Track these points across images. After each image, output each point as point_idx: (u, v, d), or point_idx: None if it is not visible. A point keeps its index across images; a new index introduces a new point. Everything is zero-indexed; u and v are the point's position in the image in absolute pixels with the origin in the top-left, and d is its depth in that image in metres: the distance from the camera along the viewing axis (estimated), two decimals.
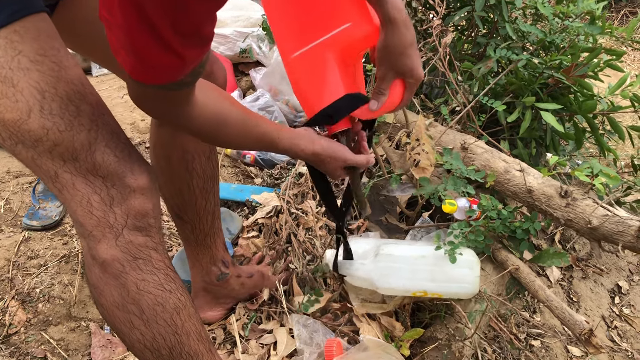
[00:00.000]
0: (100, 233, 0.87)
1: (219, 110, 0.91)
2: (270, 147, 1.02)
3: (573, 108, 1.83)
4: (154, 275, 0.91)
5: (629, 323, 1.97)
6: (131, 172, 0.89)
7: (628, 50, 4.61)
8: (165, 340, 0.91)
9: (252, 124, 0.97)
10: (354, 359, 1.23)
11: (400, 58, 1.03)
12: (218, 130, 0.91)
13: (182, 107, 0.84)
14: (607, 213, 1.37)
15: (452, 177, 1.38)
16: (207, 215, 1.34)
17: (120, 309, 0.90)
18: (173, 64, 0.69)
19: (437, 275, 1.36)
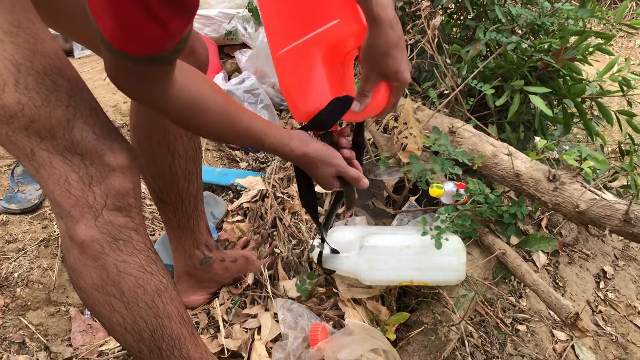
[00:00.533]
0: (79, 213, 0.84)
1: (199, 95, 0.87)
2: (255, 143, 0.98)
3: (562, 92, 1.81)
4: (135, 257, 0.88)
5: (614, 307, 1.98)
6: (111, 150, 0.85)
7: (617, 35, 4.61)
8: (147, 324, 0.89)
9: (234, 115, 0.93)
10: (338, 344, 1.21)
11: (384, 59, 1.00)
12: (196, 116, 0.87)
13: (159, 86, 0.80)
14: (595, 197, 1.36)
15: (440, 158, 1.36)
16: (189, 197, 1.31)
17: (100, 291, 0.87)
18: (157, 34, 0.65)
19: (423, 264, 1.35)
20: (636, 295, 2.06)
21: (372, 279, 1.34)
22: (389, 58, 1.00)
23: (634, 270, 2.17)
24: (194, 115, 0.87)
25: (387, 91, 1.06)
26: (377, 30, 0.97)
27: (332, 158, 1.04)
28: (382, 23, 0.96)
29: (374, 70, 1.02)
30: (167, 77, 0.79)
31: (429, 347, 1.33)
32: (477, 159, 1.49)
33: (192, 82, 0.86)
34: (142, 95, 0.83)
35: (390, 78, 1.03)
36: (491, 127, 1.80)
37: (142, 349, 0.91)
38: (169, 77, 0.80)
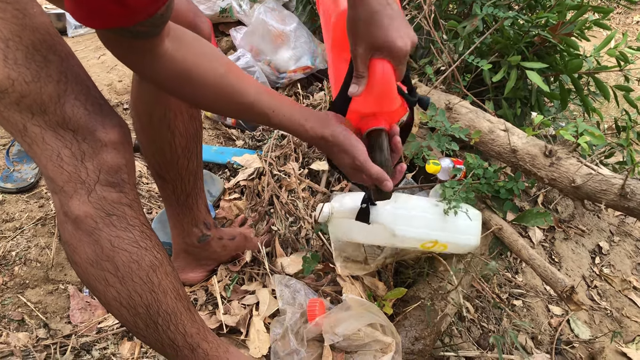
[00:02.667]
0: (72, 189, 0.84)
1: (192, 68, 0.85)
2: (261, 121, 0.93)
3: (559, 67, 1.81)
4: (129, 232, 0.88)
5: (609, 282, 2.00)
6: (102, 126, 0.85)
7: (615, 10, 4.59)
8: (142, 298, 0.89)
9: (235, 89, 0.89)
10: (336, 319, 1.22)
11: (369, 30, 0.89)
12: (187, 88, 0.86)
13: (143, 56, 0.79)
14: (591, 172, 1.36)
15: (437, 135, 1.36)
16: (189, 175, 1.31)
17: (95, 266, 0.87)
18: (113, 10, 0.64)
19: (447, 226, 1.36)
20: (631, 270, 2.08)
21: (403, 235, 1.31)
22: (375, 27, 0.88)
23: (629, 246, 2.19)
24: (184, 88, 0.86)
25: (384, 66, 0.91)
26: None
27: (350, 146, 0.94)
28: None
29: (360, 43, 0.91)
30: (151, 49, 0.79)
31: (425, 321, 1.34)
32: (474, 134, 1.49)
33: (186, 54, 0.84)
34: (128, 63, 0.83)
35: (382, 50, 0.90)
36: (488, 103, 1.80)
37: (138, 323, 0.91)
38: (154, 49, 0.79)
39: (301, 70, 2.21)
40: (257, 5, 2.23)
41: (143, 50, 0.78)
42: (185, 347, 0.97)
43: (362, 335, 1.23)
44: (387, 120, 0.99)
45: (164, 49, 0.80)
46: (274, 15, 2.18)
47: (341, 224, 1.37)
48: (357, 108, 0.98)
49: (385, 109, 0.96)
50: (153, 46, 0.78)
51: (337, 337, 1.22)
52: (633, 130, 1.99)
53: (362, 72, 0.93)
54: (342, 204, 1.36)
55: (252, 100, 0.91)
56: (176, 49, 0.83)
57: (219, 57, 0.90)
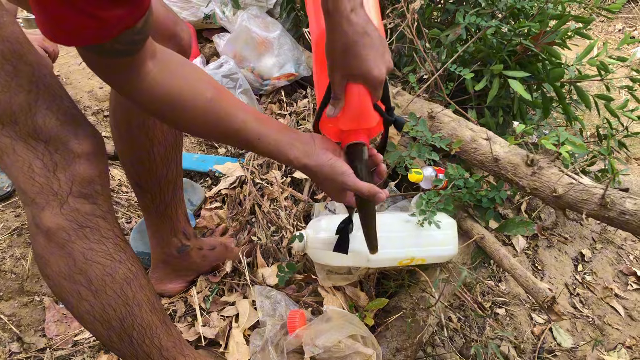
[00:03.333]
0: (44, 200, 0.82)
1: (176, 92, 0.82)
2: (247, 147, 0.92)
3: (541, 76, 1.81)
4: (102, 245, 0.86)
5: (591, 290, 2.00)
6: (75, 136, 0.83)
7: (596, 19, 4.64)
8: (116, 312, 0.88)
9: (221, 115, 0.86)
10: (316, 330, 1.21)
11: (346, 59, 0.89)
12: (171, 113, 0.83)
13: (124, 76, 0.77)
14: (572, 181, 1.36)
15: (417, 144, 1.35)
16: (168, 184, 1.29)
17: (67, 280, 0.85)
18: (89, 25, 0.63)
19: (422, 240, 1.36)
20: (613, 278, 2.08)
21: (379, 258, 1.29)
22: (349, 57, 0.89)
23: (611, 253, 2.20)
24: (167, 113, 0.84)
25: (360, 92, 0.93)
26: (331, 26, 0.88)
27: (337, 175, 0.94)
28: (334, 17, 0.87)
29: (337, 70, 0.92)
30: (131, 68, 0.76)
31: (407, 332, 1.33)
32: (454, 144, 1.48)
33: (172, 78, 0.82)
34: (110, 83, 0.81)
35: (356, 78, 0.92)
36: (471, 112, 1.80)
37: (112, 337, 0.90)
38: (135, 69, 0.77)
39: (285, 77, 2.20)
40: (241, 12, 2.22)
41: (123, 70, 0.76)
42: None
43: (342, 347, 1.22)
44: (367, 134, 1.01)
45: (146, 70, 0.78)
46: (257, 22, 2.16)
47: (314, 252, 1.37)
48: (336, 125, 0.99)
49: (362, 126, 0.98)
50: (134, 66, 0.76)
51: (318, 349, 1.20)
52: (615, 139, 2.00)
53: (338, 95, 0.94)
54: (316, 231, 1.35)
55: (238, 127, 0.89)
56: (160, 71, 0.80)
57: (206, 82, 0.87)
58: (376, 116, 0.99)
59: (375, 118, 0.99)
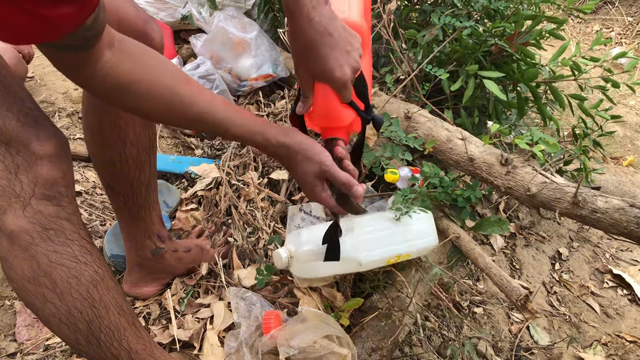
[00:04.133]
0: (6, 203, 0.81)
1: (133, 80, 0.82)
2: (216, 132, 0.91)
3: (516, 76, 1.83)
4: (67, 247, 0.85)
5: (568, 288, 2.02)
6: (37, 138, 0.82)
7: (570, 19, 4.69)
8: (82, 314, 0.86)
9: (185, 101, 0.86)
10: (291, 331, 1.20)
11: (308, 59, 0.90)
12: (132, 100, 0.83)
13: (83, 68, 0.76)
14: (546, 180, 1.37)
15: (391, 144, 1.36)
16: (140, 186, 1.27)
17: (32, 283, 0.84)
18: (38, 27, 0.62)
19: (406, 235, 1.35)
20: (589, 276, 2.11)
21: (370, 260, 1.29)
22: (312, 57, 0.89)
23: (588, 252, 2.22)
24: (129, 101, 0.83)
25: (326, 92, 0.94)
26: (292, 25, 0.88)
27: (316, 154, 0.93)
28: (294, 15, 0.87)
29: (302, 69, 0.93)
30: (88, 61, 0.76)
31: (382, 332, 1.33)
32: (427, 143, 1.49)
33: (131, 66, 0.81)
34: (67, 75, 0.80)
35: (319, 78, 0.92)
36: (447, 112, 1.81)
37: (79, 339, 0.88)
38: (92, 61, 0.76)
39: (262, 78, 2.19)
40: (218, 13, 2.21)
41: (80, 63, 0.75)
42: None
43: (317, 348, 1.21)
44: (344, 131, 1.00)
45: (104, 60, 0.77)
46: (234, 23, 2.16)
47: (300, 266, 1.33)
48: (308, 123, 1.00)
49: (333, 125, 0.98)
50: (90, 59, 0.75)
51: (293, 349, 1.19)
52: (589, 138, 2.02)
53: (306, 94, 0.96)
54: (299, 245, 1.32)
55: (205, 110, 0.88)
56: (118, 60, 0.80)
57: (168, 69, 0.87)
58: (349, 114, 0.98)
59: (348, 116, 0.98)
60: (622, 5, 4.81)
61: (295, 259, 1.30)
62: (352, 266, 1.30)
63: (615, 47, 4.34)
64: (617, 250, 2.29)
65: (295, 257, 1.30)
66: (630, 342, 1.82)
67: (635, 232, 1.21)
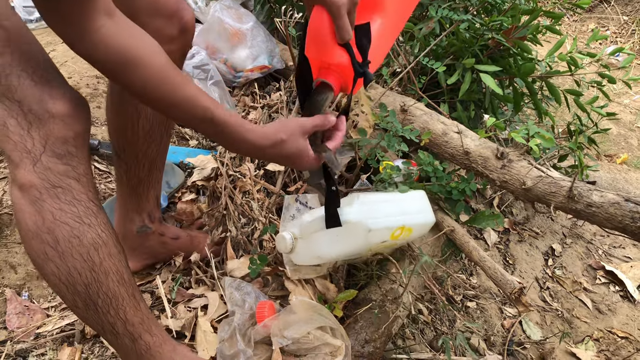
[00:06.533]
0: (18, 157, 0.83)
1: (132, 47, 0.82)
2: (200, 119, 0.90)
3: (512, 71, 1.83)
4: (73, 207, 0.85)
5: (560, 284, 2.02)
6: (50, 97, 0.83)
7: (565, 17, 4.70)
8: (81, 276, 0.87)
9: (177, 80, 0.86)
10: (285, 321, 1.20)
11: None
12: (126, 69, 0.82)
13: (77, 25, 0.77)
14: (541, 174, 1.37)
15: (387, 135, 1.35)
16: (145, 160, 1.27)
17: (35, 239, 0.85)
18: None
19: (407, 208, 1.36)
20: (582, 272, 2.11)
21: (378, 227, 1.27)
22: None
23: (581, 248, 2.23)
24: (123, 69, 0.83)
25: (317, 15, 0.94)
26: None
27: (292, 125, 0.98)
28: None
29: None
30: (82, 16, 0.76)
31: (376, 323, 1.32)
32: (424, 135, 1.49)
33: (127, 35, 0.82)
34: (61, 32, 0.80)
35: (319, 2, 0.93)
36: (443, 106, 1.80)
37: (77, 301, 0.88)
38: (86, 18, 0.77)
39: (258, 69, 2.18)
40: (214, 3, 2.19)
41: (74, 18, 0.76)
42: (125, 336, 0.94)
43: (311, 339, 1.21)
44: (337, 77, 1.01)
45: (100, 23, 0.78)
46: (230, 13, 2.14)
47: (307, 247, 1.29)
48: (305, 52, 1.01)
49: (322, 57, 0.99)
50: (85, 15, 0.76)
51: (286, 340, 1.19)
52: (584, 135, 2.03)
53: (307, 17, 0.98)
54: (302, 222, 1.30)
55: (192, 94, 0.88)
56: (117, 28, 0.80)
57: (158, 46, 0.88)
58: (341, 55, 0.98)
59: (338, 55, 0.98)
60: (617, 4, 4.82)
61: (301, 239, 1.28)
62: (361, 235, 1.25)
63: (611, 46, 4.35)
64: (610, 247, 2.29)
65: (302, 236, 1.28)
66: (622, 337, 1.83)
67: (630, 226, 1.22)
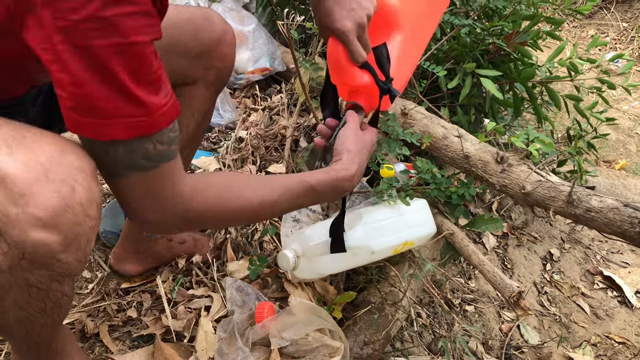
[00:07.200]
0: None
1: (228, 180, 0.87)
2: (309, 199, 0.95)
3: (513, 76, 1.84)
4: None
5: (559, 289, 2.03)
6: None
7: (568, 23, 4.73)
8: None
9: (281, 186, 0.90)
10: (283, 323, 1.20)
11: (318, 15, 0.96)
12: (225, 204, 0.84)
13: (173, 187, 0.76)
14: (541, 179, 1.38)
15: (388, 139, 1.36)
16: None
17: None
18: (136, 113, 0.65)
19: (409, 222, 1.36)
20: (580, 277, 2.12)
21: (382, 248, 1.29)
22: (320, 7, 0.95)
23: (579, 253, 2.24)
24: (223, 208, 0.84)
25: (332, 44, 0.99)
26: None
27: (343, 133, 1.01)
28: None
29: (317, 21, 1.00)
30: (174, 176, 0.76)
31: (375, 326, 1.33)
32: (425, 138, 1.49)
33: (203, 176, 0.89)
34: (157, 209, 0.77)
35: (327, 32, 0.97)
36: (443, 110, 1.81)
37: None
38: (178, 177, 0.77)
39: (259, 71, 2.19)
40: (215, 5, 2.20)
41: (165, 183, 0.75)
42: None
43: (310, 340, 1.21)
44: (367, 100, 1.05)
45: (186, 179, 0.79)
46: (232, 15, 2.15)
47: (309, 265, 1.30)
48: (332, 80, 1.07)
49: (345, 82, 1.04)
50: (174, 172, 0.76)
51: (285, 341, 1.19)
52: (583, 140, 2.04)
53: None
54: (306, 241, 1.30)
55: (281, 180, 0.92)
56: (192, 177, 0.82)
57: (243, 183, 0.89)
58: (361, 75, 1.01)
59: (359, 76, 1.01)
60: (617, 11, 4.85)
61: (304, 257, 1.28)
62: (365, 256, 1.28)
63: (610, 52, 4.37)
64: (608, 252, 2.30)
65: (304, 255, 1.28)
66: (619, 343, 1.84)
67: (629, 231, 1.22)
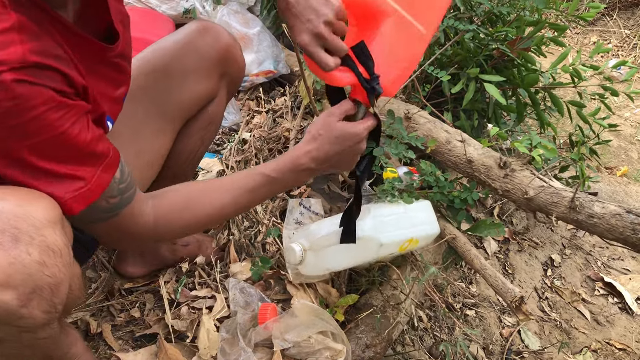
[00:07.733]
0: None
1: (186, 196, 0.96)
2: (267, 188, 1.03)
3: (516, 81, 1.84)
4: None
5: (559, 294, 2.03)
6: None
7: (571, 30, 4.74)
8: None
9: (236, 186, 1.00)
10: (286, 324, 1.21)
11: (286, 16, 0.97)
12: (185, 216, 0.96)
13: (136, 225, 0.88)
14: (543, 184, 1.38)
15: (394, 142, 1.36)
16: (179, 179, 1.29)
17: None
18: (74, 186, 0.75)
19: (414, 220, 1.37)
20: (580, 283, 2.12)
21: (390, 241, 1.30)
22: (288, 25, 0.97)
23: (580, 259, 2.24)
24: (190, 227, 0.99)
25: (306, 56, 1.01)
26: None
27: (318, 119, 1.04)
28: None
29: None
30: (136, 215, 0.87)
31: (377, 329, 1.33)
32: (430, 142, 1.50)
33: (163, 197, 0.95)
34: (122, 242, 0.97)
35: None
36: (446, 114, 1.82)
37: None
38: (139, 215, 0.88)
39: (263, 74, 2.20)
40: (221, 7, 2.21)
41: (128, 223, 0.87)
42: None
43: (312, 342, 1.22)
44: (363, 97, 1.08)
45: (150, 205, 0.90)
46: (237, 18, 2.16)
47: (316, 259, 1.31)
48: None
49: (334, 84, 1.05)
50: (134, 211, 0.88)
51: (287, 343, 1.20)
52: (586, 146, 2.04)
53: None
54: (312, 235, 1.31)
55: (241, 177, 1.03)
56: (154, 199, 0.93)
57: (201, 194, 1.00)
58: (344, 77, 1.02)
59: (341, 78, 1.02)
60: (620, 18, 4.86)
61: (310, 250, 1.29)
62: (372, 249, 1.27)
63: (612, 59, 4.38)
64: (609, 258, 2.30)
65: (311, 248, 1.29)
66: (620, 349, 1.84)
67: (631, 238, 1.22)
